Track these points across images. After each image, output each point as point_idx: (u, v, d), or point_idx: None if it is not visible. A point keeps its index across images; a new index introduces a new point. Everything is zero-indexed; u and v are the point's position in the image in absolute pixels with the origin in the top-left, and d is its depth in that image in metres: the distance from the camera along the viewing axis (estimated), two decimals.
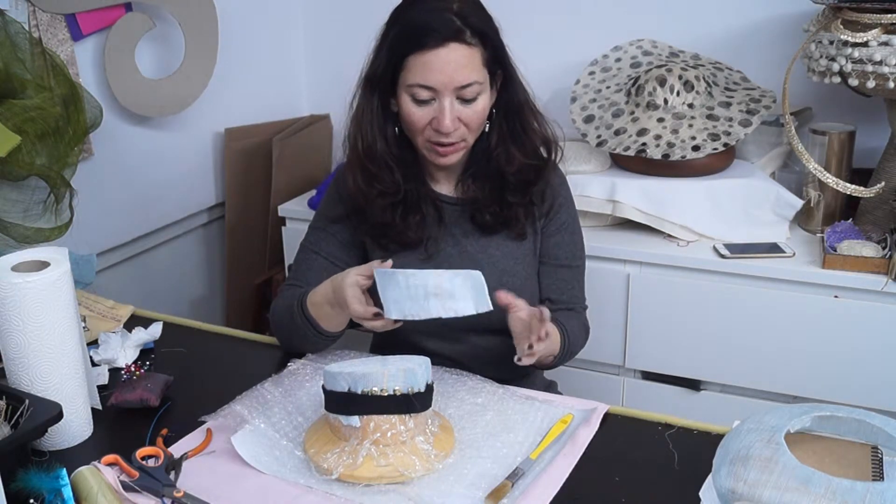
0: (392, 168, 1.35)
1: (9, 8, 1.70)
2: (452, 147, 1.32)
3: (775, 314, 1.75)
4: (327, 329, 1.32)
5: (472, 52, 1.26)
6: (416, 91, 1.27)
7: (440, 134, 1.29)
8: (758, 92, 1.97)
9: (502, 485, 1.03)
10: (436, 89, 1.26)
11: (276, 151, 2.34)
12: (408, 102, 1.29)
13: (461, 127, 1.30)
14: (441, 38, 1.24)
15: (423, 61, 1.25)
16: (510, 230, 1.40)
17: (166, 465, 1.09)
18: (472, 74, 1.26)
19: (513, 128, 1.36)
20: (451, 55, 1.25)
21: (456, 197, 1.42)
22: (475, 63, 1.27)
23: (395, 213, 1.37)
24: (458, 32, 1.25)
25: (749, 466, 0.93)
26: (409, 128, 1.32)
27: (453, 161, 1.35)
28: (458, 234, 1.40)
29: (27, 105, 1.52)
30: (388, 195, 1.35)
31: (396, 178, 1.35)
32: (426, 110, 1.29)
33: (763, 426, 0.99)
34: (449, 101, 1.27)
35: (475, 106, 1.29)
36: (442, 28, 1.24)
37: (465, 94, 1.27)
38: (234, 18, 2.27)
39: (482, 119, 1.32)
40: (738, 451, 0.96)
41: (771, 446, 0.94)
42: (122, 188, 2.08)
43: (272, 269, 2.50)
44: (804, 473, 0.89)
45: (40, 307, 1.10)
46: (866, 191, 1.78)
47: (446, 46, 1.24)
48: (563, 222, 1.44)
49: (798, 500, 0.87)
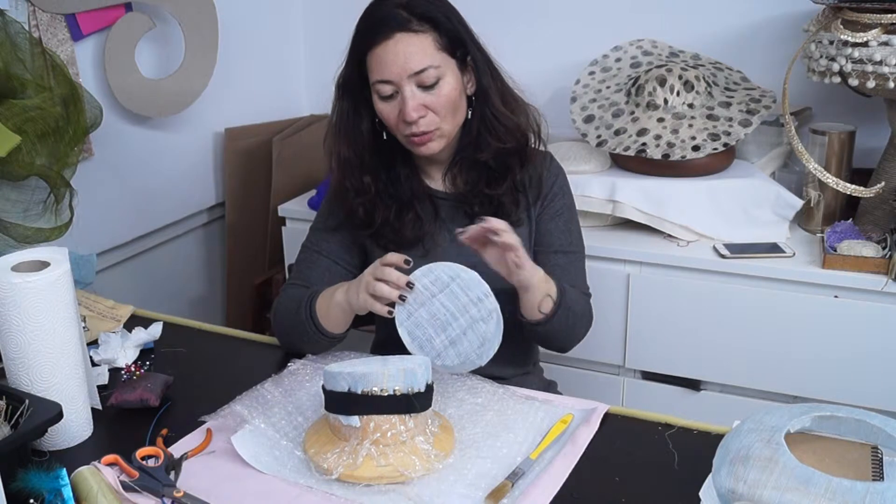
0: (359, 170, 1.38)
1: (9, 8, 1.70)
2: (427, 136, 1.33)
3: (775, 314, 1.75)
4: (328, 328, 1.32)
5: (420, 38, 1.29)
6: (379, 87, 1.31)
7: (408, 125, 1.31)
8: (758, 92, 1.97)
9: (502, 485, 1.03)
10: (392, 81, 1.29)
11: (276, 151, 2.34)
12: (377, 101, 1.33)
13: (428, 114, 1.31)
14: (388, 30, 1.28)
15: (376, 57, 1.29)
16: (502, 220, 1.40)
17: (166, 465, 1.09)
18: (423, 60, 1.28)
19: (483, 113, 1.37)
20: (399, 45, 1.28)
21: (446, 191, 1.43)
22: (426, 49, 1.29)
23: (388, 211, 1.39)
24: (403, 22, 1.28)
25: (749, 466, 0.93)
26: (387, 124, 1.35)
27: (434, 150, 1.35)
28: (453, 229, 1.40)
29: (27, 105, 1.52)
30: (361, 194, 1.38)
31: (365, 180, 1.38)
32: (393, 104, 1.31)
33: (763, 426, 0.99)
34: (409, 90, 1.29)
35: (438, 91, 1.30)
36: (388, 21, 1.28)
37: (423, 80, 1.29)
38: (234, 18, 2.27)
39: (450, 103, 1.32)
40: (738, 451, 0.96)
41: (771, 446, 0.94)
42: (122, 188, 2.08)
43: (272, 269, 2.50)
44: (804, 473, 0.89)
45: (40, 307, 1.10)
46: (866, 191, 1.78)
47: (393, 38, 1.28)
48: (558, 210, 1.44)
49: (798, 500, 0.87)
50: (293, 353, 1.38)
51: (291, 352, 1.39)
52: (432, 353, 1.20)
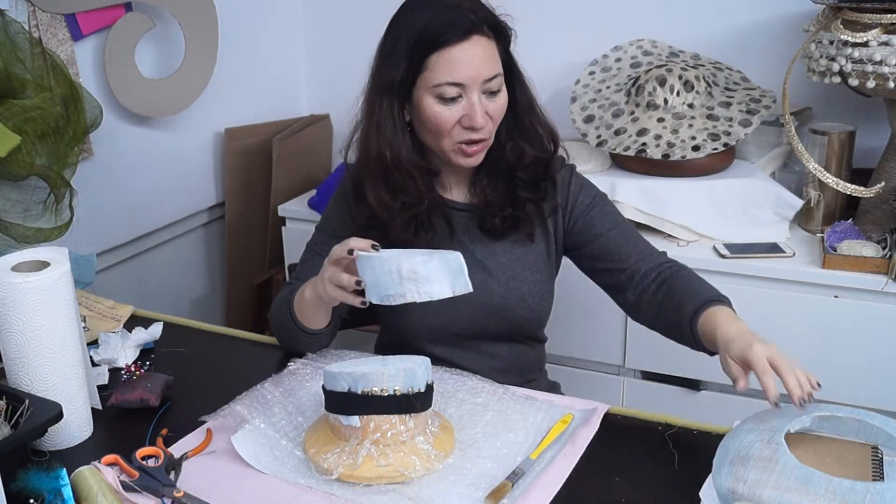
0: (416, 177, 1.31)
1: (9, 8, 1.70)
2: (481, 144, 1.29)
3: (775, 314, 1.75)
4: (306, 325, 1.32)
5: (491, 44, 1.26)
6: (444, 89, 1.24)
7: (472, 131, 1.26)
8: (758, 92, 1.97)
9: (502, 485, 1.03)
10: (464, 84, 1.24)
11: (276, 151, 2.34)
12: (432, 104, 1.26)
13: (489, 122, 1.28)
14: (462, 31, 1.22)
15: (447, 58, 1.23)
16: (519, 232, 1.37)
17: (166, 465, 1.09)
18: (495, 66, 1.26)
19: (522, 123, 1.34)
20: (476, 48, 1.23)
21: (467, 203, 1.39)
22: (495, 55, 1.27)
23: (408, 228, 1.33)
24: (476, 25, 1.23)
25: (749, 466, 0.93)
26: (435, 130, 1.28)
27: (479, 161, 1.32)
28: (466, 241, 1.38)
29: (27, 105, 1.52)
30: (412, 206, 1.32)
31: (420, 188, 1.32)
32: (454, 109, 1.25)
33: (763, 426, 0.99)
34: (477, 96, 1.25)
35: (499, 99, 1.28)
36: (461, 22, 1.23)
37: (491, 86, 1.26)
38: (234, 18, 2.27)
39: (503, 113, 1.30)
40: (738, 451, 0.96)
41: (771, 446, 0.94)
42: (122, 188, 2.08)
43: (272, 269, 2.50)
44: (804, 473, 0.89)
45: (40, 307, 1.10)
46: (866, 191, 1.78)
47: (469, 40, 1.23)
48: (590, 203, 1.39)
49: (798, 500, 0.87)
50: (293, 353, 1.38)
51: (291, 352, 1.39)
52: (415, 285, 1.11)
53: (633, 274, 1.34)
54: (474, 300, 1.35)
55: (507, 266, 1.37)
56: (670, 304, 1.28)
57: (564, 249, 1.42)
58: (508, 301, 1.36)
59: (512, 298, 1.36)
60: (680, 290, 1.28)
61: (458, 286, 1.12)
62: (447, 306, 1.35)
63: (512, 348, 1.42)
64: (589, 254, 1.38)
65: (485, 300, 1.36)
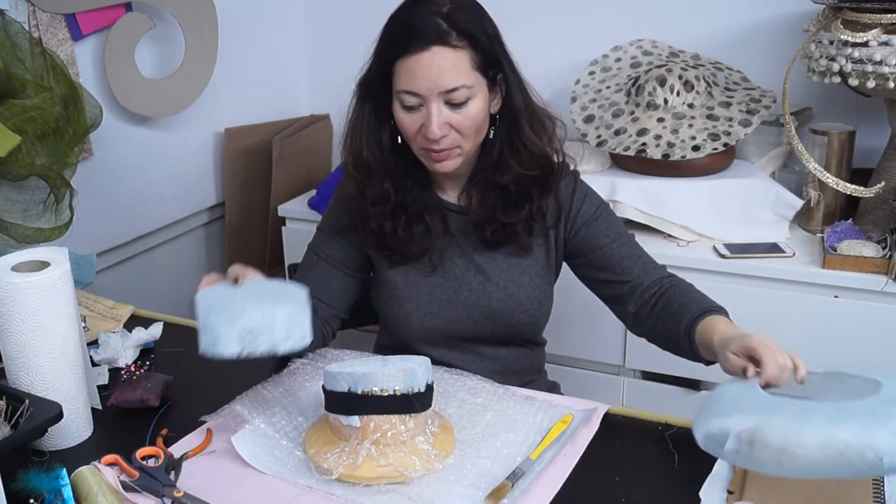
0: (381, 176, 1.31)
1: (9, 8, 1.70)
2: (445, 153, 1.26)
3: (775, 314, 1.75)
4: None
5: (457, 54, 1.21)
6: (404, 97, 1.23)
7: (429, 140, 1.24)
8: (758, 92, 1.97)
9: (502, 485, 1.03)
10: (421, 95, 1.21)
11: (276, 151, 2.34)
12: (398, 109, 1.25)
13: (452, 133, 1.24)
14: (424, 41, 1.19)
15: (407, 67, 1.21)
16: (513, 245, 1.35)
17: (166, 465, 1.09)
18: (458, 78, 1.21)
19: (510, 137, 1.30)
20: (435, 59, 1.19)
21: (460, 206, 1.37)
22: (462, 66, 1.21)
23: (397, 222, 1.33)
24: (442, 35, 1.20)
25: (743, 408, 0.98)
26: (404, 135, 1.28)
27: (450, 168, 1.29)
28: (465, 245, 1.37)
29: (27, 105, 1.52)
30: (380, 203, 1.32)
31: (386, 187, 1.31)
32: (415, 116, 1.24)
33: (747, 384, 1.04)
34: (436, 107, 1.22)
35: (466, 111, 1.23)
36: (426, 31, 1.20)
37: (453, 98, 1.21)
38: (234, 18, 2.27)
39: (476, 124, 1.26)
40: (732, 402, 1.00)
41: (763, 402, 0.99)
42: (122, 188, 2.08)
43: (272, 269, 2.50)
44: (805, 404, 0.93)
45: (40, 307, 1.10)
46: (866, 191, 1.78)
47: (429, 50, 1.19)
48: (593, 214, 1.36)
49: (801, 424, 0.90)
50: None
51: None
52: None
53: (636, 287, 1.32)
54: (473, 304, 1.35)
55: (505, 271, 1.36)
56: (668, 315, 1.28)
57: (564, 256, 1.41)
58: (507, 305, 1.36)
59: (510, 303, 1.36)
60: (678, 301, 1.28)
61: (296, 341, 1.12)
62: (445, 310, 1.36)
63: (510, 351, 1.42)
64: (590, 263, 1.37)
65: (483, 304, 1.35)
